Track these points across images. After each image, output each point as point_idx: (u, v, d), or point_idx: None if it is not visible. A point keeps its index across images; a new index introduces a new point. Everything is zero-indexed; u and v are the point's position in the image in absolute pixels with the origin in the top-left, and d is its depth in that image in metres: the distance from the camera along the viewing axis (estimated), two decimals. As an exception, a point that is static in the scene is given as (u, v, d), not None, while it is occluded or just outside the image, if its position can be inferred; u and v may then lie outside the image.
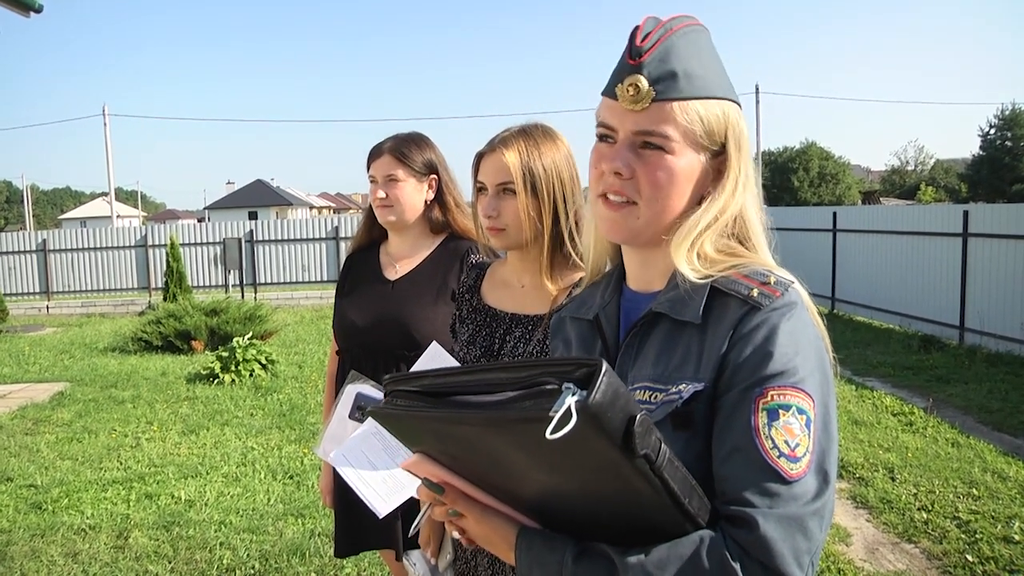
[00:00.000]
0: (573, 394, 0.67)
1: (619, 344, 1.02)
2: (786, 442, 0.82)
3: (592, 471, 0.74)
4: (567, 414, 0.65)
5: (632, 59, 0.93)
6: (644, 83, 0.92)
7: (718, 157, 0.98)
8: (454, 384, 0.80)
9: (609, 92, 0.96)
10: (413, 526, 1.12)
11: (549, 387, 0.69)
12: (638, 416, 0.70)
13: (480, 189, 1.66)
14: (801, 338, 0.87)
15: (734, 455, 0.83)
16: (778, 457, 0.81)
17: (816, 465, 0.82)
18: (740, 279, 0.92)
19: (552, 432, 0.65)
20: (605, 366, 0.68)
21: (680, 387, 0.89)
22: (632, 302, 1.06)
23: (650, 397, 0.91)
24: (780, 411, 0.83)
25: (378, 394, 1.96)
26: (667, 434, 0.86)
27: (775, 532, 0.78)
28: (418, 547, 1.83)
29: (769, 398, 0.84)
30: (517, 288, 1.71)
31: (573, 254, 1.61)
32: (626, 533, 0.81)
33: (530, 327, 1.63)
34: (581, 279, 1.59)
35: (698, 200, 0.98)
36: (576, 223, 1.61)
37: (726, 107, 0.96)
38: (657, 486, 0.74)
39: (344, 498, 2.21)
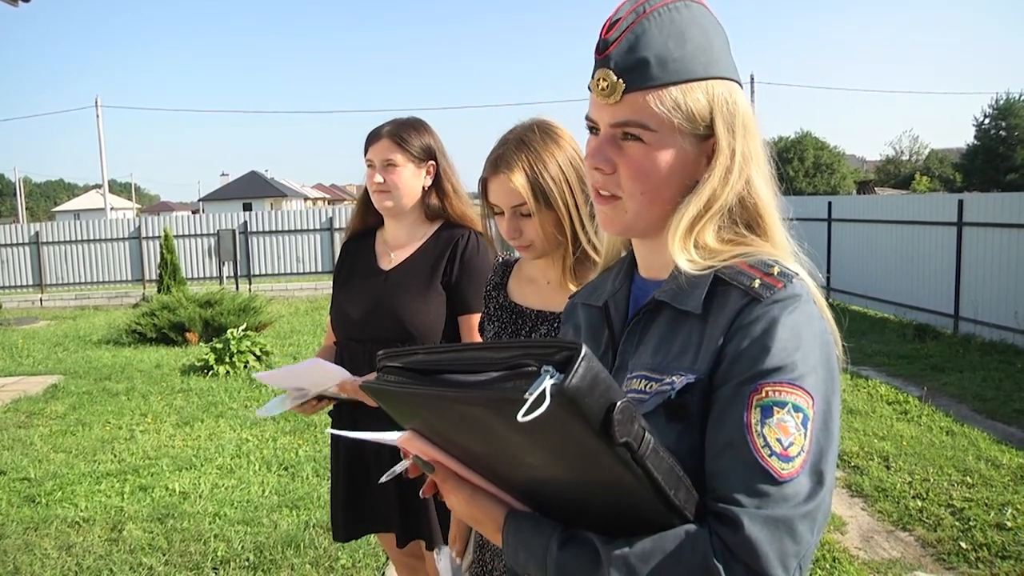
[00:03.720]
0: (551, 377, 0.66)
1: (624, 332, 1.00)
2: (779, 440, 0.79)
3: (574, 458, 0.73)
4: (540, 397, 0.65)
5: (599, 53, 0.90)
6: (613, 76, 0.89)
7: (707, 140, 0.93)
8: (443, 362, 0.79)
9: (589, 86, 0.94)
10: (384, 477, 1.09)
11: (529, 369, 0.69)
12: (618, 403, 0.69)
13: (495, 211, 1.62)
14: (803, 332, 0.84)
15: (725, 451, 0.81)
16: (769, 456, 0.78)
17: (811, 466, 0.80)
18: (744, 268, 0.89)
19: (524, 415, 0.65)
20: (585, 350, 0.67)
21: (674, 378, 0.87)
22: (642, 290, 1.03)
23: (645, 387, 0.90)
24: (775, 408, 0.80)
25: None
26: (660, 425, 0.85)
27: (760, 534, 0.76)
28: (446, 543, 1.86)
29: (764, 394, 0.81)
30: (543, 284, 1.70)
31: (591, 251, 1.57)
32: (614, 521, 0.80)
33: (555, 324, 1.62)
34: None
35: (692, 187, 0.95)
36: (592, 220, 1.58)
37: (711, 87, 0.91)
38: (640, 476, 0.73)
39: (345, 482, 2.21)
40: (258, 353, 8.07)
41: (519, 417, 0.65)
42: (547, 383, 0.65)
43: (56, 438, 5.86)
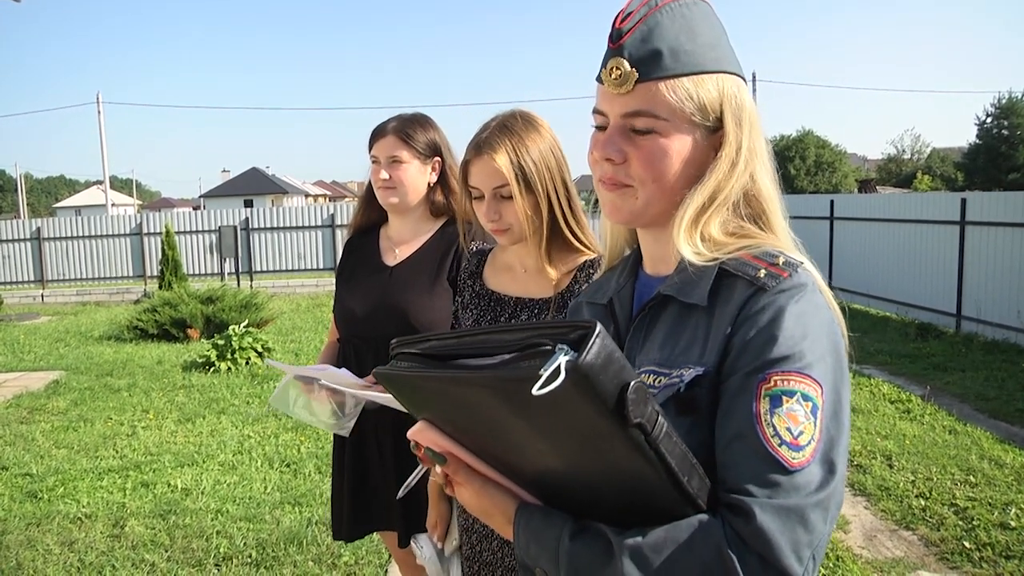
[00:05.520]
0: (565, 354, 0.66)
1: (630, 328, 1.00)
2: (788, 430, 0.78)
3: (587, 440, 0.72)
4: (555, 372, 0.65)
5: (613, 42, 0.91)
6: (626, 65, 0.90)
7: (716, 133, 0.94)
8: (456, 346, 0.79)
9: (598, 78, 0.94)
10: (403, 487, 1.11)
11: (544, 348, 0.69)
12: (632, 383, 0.68)
13: (474, 194, 1.64)
14: (811, 321, 0.84)
15: (735, 442, 0.81)
16: (779, 445, 0.78)
17: (821, 454, 0.79)
18: (749, 260, 0.89)
19: (539, 389, 0.64)
20: (599, 328, 0.67)
21: (682, 371, 0.87)
22: (646, 286, 1.03)
23: (654, 381, 0.89)
24: (783, 397, 0.80)
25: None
26: (671, 419, 0.84)
27: (773, 524, 0.75)
28: (425, 531, 1.85)
29: (772, 384, 0.80)
30: (520, 272, 1.71)
31: (571, 238, 1.61)
32: (625, 513, 0.80)
33: (536, 311, 1.64)
34: (586, 262, 1.60)
35: (700, 179, 0.96)
36: (570, 206, 1.61)
37: (721, 80, 0.93)
38: (653, 460, 0.72)
39: (348, 482, 2.20)
40: (260, 350, 8.06)
41: (534, 391, 0.64)
42: (561, 359, 0.65)
43: (58, 434, 5.85)
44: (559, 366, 0.65)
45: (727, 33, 0.97)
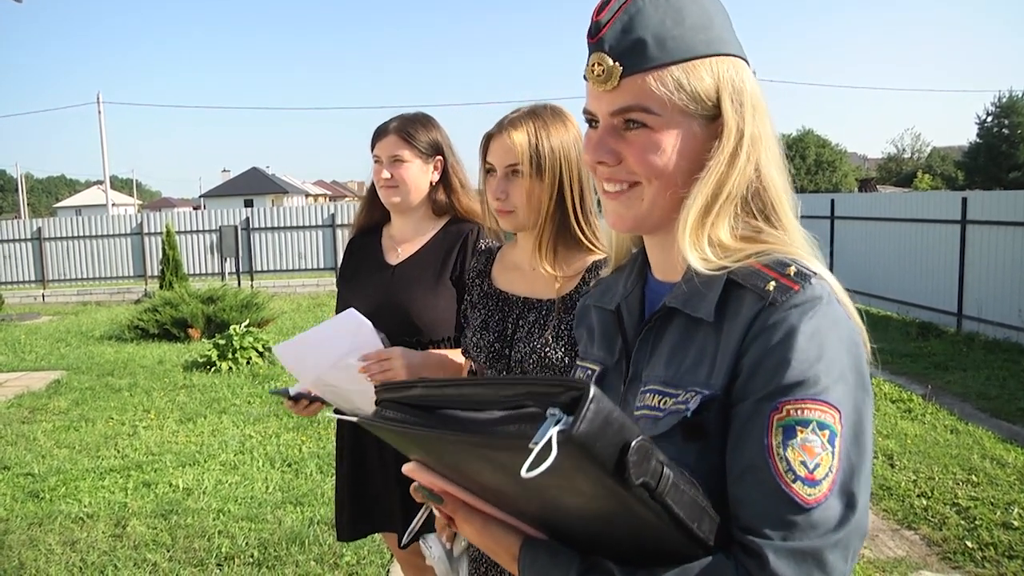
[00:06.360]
0: (557, 422, 0.60)
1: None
2: (803, 463, 0.73)
3: (589, 496, 0.69)
4: (547, 447, 0.59)
5: (591, 37, 0.84)
6: (608, 60, 0.83)
7: (716, 121, 0.86)
8: (444, 397, 0.74)
9: (584, 75, 0.88)
10: (408, 531, 1.10)
11: (533, 411, 0.63)
12: (633, 443, 0.63)
13: (489, 171, 1.65)
14: (826, 339, 0.77)
15: (746, 476, 0.76)
16: (793, 482, 0.73)
17: (840, 486, 0.74)
18: (759, 269, 0.82)
19: (529, 469, 0.59)
20: (593, 391, 0.61)
21: (688, 395, 0.81)
22: (655, 292, 0.96)
23: (659, 403, 0.84)
24: (797, 428, 0.74)
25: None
26: (677, 446, 0.80)
27: (787, 569, 0.71)
28: (434, 531, 1.85)
29: (785, 413, 0.75)
30: (528, 271, 1.69)
31: (582, 237, 1.59)
32: (633, 550, 0.76)
33: (544, 312, 1.62)
34: (595, 263, 1.58)
35: None
36: (583, 204, 1.59)
37: (716, 64, 0.85)
38: (659, 512, 0.68)
39: (350, 481, 2.20)
40: (260, 349, 8.06)
41: (523, 473, 0.59)
42: (553, 431, 0.59)
43: (59, 434, 5.86)
44: (550, 438, 0.59)
45: (724, 9, 0.89)
